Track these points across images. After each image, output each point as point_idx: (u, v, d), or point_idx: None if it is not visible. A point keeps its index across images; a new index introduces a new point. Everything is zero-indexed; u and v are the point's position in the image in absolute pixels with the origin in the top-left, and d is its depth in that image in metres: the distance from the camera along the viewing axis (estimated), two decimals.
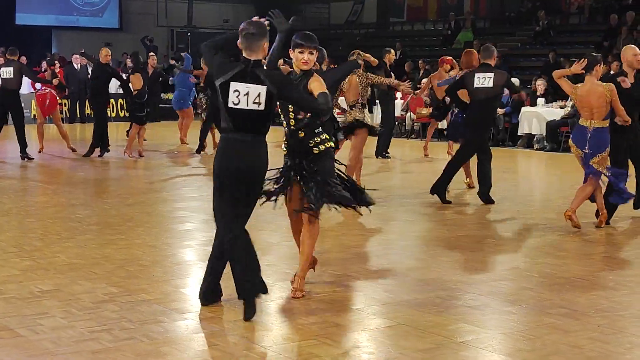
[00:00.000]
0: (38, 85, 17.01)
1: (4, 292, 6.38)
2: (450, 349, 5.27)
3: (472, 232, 9.29)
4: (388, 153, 16.44)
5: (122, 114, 25.00)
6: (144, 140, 16.64)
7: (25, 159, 15.38)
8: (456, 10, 29.08)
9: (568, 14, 26.70)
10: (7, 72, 15.55)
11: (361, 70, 11.27)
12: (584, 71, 9.16)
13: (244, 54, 5.79)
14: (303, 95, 5.97)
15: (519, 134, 18.86)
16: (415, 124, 21.30)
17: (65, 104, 25.41)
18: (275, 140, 7.75)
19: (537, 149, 18.45)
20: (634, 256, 8.22)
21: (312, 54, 6.21)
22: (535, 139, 18.76)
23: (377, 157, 16.22)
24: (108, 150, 16.18)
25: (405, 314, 5.96)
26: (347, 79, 10.66)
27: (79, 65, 25.47)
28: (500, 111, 19.00)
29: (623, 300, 6.45)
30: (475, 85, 11.03)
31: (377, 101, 16.70)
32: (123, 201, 11.02)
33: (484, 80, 10.99)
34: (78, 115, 25.49)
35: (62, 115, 25.16)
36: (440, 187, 11.05)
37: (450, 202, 10.97)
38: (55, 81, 16.56)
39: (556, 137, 18.02)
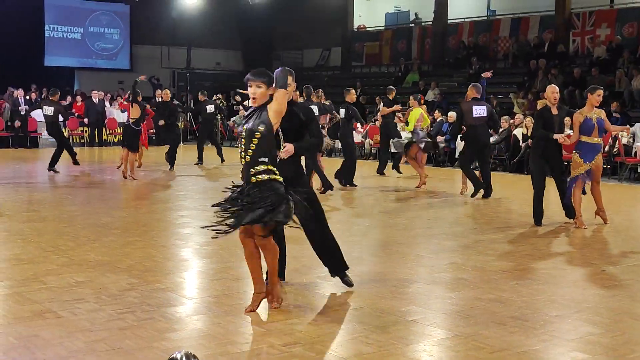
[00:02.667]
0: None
1: (46, 282, 6.49)
2: (403, 325, 5.43)
3: (420, 233, 9.49)
4: (354, 183, 14.64)
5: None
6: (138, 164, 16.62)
7: (52, 172, 16.15)
8: (405, 56, 29.44)
9: (495, 60, 27.10)
10: (49, 110, 16.39)
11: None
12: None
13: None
14: None
15: (456, 156, 19.14)
16: (373, 148, 21.79)
17: (86, 131, 25.44)
18: None
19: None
20: (547, 254, 8.41)
21: (260, 87, 5.43)
22: None
23: (344, 185, 14.46)
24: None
25: (367, 299, 6.12)
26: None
27: (97, 99, 25.56)
28: (440, 138, 19.38)
29: (538, 288, 6.65)
30: (474, 115, 12.55)
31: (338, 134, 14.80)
32: (137, 210, 11.12)
33: (480, 111, 12.53)
34: (97, 141, 25.48)
35: (82, 140, 25.32)
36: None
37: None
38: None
39: None
